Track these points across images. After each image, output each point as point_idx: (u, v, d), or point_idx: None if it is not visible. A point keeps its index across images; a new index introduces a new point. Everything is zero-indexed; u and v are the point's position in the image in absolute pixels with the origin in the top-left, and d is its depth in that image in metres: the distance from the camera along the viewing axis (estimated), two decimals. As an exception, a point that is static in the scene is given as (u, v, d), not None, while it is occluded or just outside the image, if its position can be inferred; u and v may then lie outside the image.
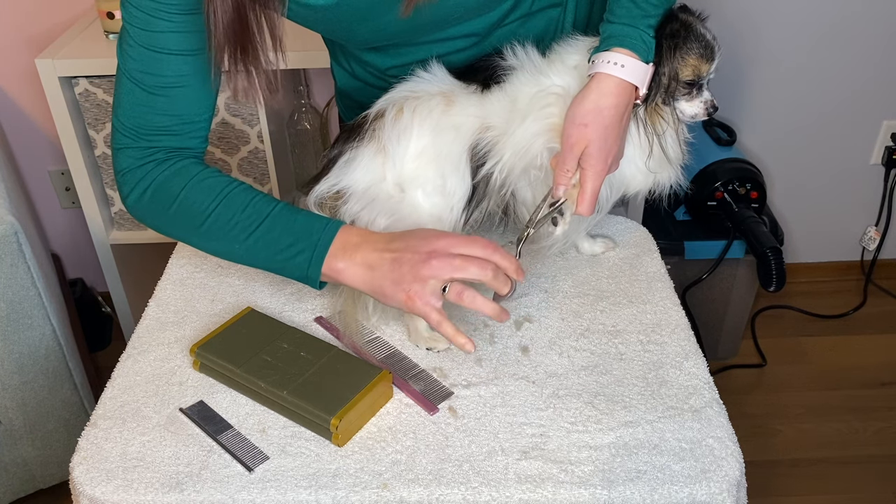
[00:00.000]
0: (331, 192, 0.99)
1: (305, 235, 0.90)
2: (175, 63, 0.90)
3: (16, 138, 2.04)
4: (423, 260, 0.85)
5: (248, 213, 0.91)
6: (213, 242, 0.94)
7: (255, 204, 0.92)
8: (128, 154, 0.95)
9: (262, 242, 0.91)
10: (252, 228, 0.91)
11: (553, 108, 0.96)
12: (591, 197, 0.93)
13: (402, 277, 0.86)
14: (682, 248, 1.88)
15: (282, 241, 0.91)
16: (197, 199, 0.93)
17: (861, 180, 2.26)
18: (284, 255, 0.91)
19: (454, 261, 0.85)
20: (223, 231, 0.92)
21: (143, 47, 0.90)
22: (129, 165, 0.95)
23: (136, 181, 0.94)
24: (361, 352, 0.96)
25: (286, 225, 0.91)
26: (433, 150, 0.97)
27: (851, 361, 2.12)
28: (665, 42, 0.93)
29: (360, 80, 1.15)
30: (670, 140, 1.00)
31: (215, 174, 0.95)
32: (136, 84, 0.91)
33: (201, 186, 0.93)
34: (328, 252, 0.89)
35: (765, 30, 2.02)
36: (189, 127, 0.95)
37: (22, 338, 1.50)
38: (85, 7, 1.87)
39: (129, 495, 0.79)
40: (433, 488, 0.79)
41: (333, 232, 0.90)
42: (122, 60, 0.92)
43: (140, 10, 0.88)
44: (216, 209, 0.92)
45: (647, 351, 0.95)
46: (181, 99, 0.93)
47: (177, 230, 0.96)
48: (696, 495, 0.78)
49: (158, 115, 0.93)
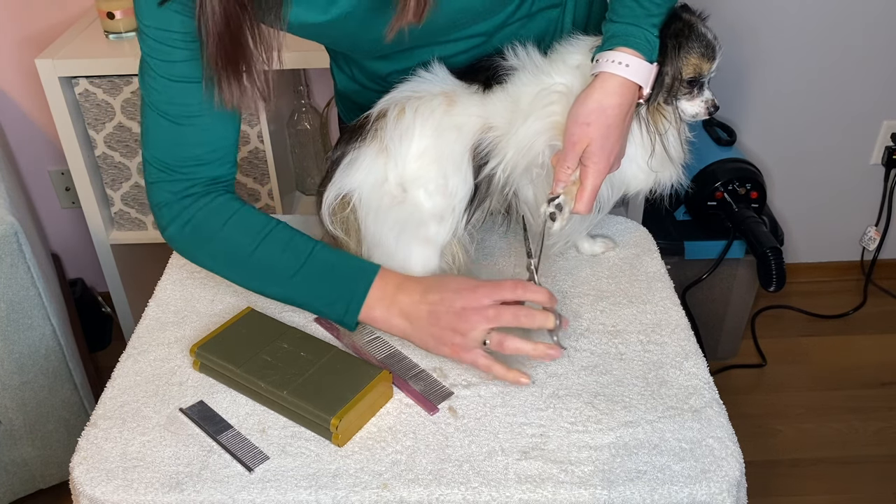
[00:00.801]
0: (338, 199, 0.99)
1: (343, 283, 0.93)
2: (197, 91, 0.90)
3: (16, 138, 2.04)
4: (458, 314, 0.88)
5: (287, 256, 0.94)
6: (253, 282, 0.97)
7: (294, 244, 0.94)
8: (163, 188, 0.96)
9: (301, 288, 0.94)
10: (291, 272, 0.93)
11: (556, 106, 0.96)
12: (590, 195, 0.93)
13: (443, 333, 0.89)
14: (682, 248, 1.88)
15: (320, 288, 0.93)
16: (237, 239, 0.95)
17: (861, 180, 2.26)
18: (323, 301, 0.94)
19: (487, 312, 0.88)
20: (263, 272, 0.95)
21: (164, 78, 0.90)
22: (165, 199, 0.96)
23: (174, 215, 0.96)
24: (361, 352, 0.96)
25: (324, 271, 0.93)
26: (435, 150, 0.97)
27: (851, 361, 2.12)
28: (669, 42, 0.93)
29: (360, 84, 1.15)
30: (672, 139, 1.00)
31: (253, 212, 0.97)
32: (163, 116, 0.92)
33: (241, 226, 0.95)
34: (365, 302, 0.92)
35: (765, 30, 2.02)
36: (219, 153, 0.96)
37: (22, 338, 1.50)
38: (85, 7, 1.87)
39: (129, 495, 0.79)
40: (433, 488, 0.79)
41: (369, 282, 0.92)
42: (145, 93, 0.93)
43: (158, 41, 0.88)
44: (256, 250, 0.94)
45: (647, 351, 0.95)
46: (208, 126, 0.94)
47: (216, 267, 0.98)
48: (696, 495, 0.78)
49: (188, 146, 0.94)
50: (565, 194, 0.95)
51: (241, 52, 0.85)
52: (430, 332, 0.90)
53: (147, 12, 0.88)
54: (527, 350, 0.89)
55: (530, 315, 0.88)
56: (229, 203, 0.97)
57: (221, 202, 0.96)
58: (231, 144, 0.97)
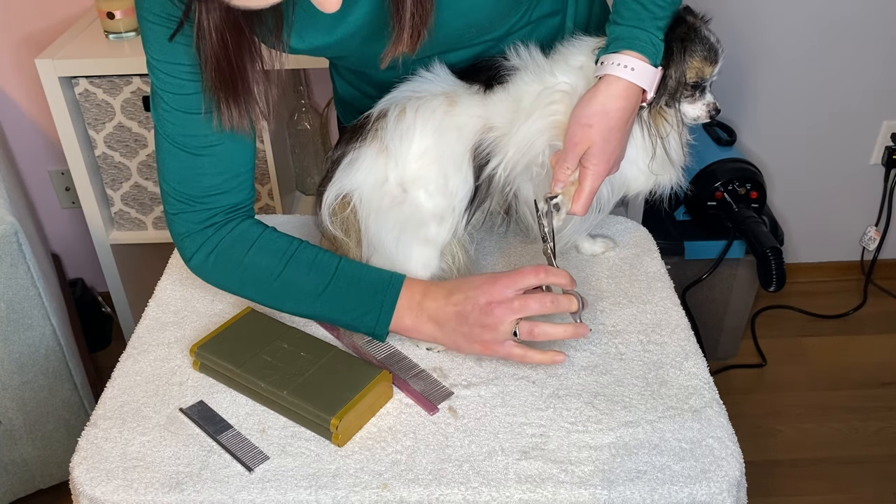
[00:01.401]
0: (338, 200, 0.99)
1: (370, 295, 0.93)
2: (211, 122, 0.90)
3: (16, 138, 2.04)
4: (484, 310, 0.88)
5: (314, 275, 0.94)
6: (284, 304, 0.97)
7: (318, 264, 0.94)
8: (184, 219, 0.96)
9: (330, 304, 0.94)
10: (319, 291, 0.93)
11: (558, 105, 0.96)
12: (587, 196, 0.93)
13: (472, 331, 0.89)
14: (682, 248, 1.88)
15: (349, 301, 0.93)
16: (263, 264, 0.95)
17: (861, 180, 2.26)
18: (352, 315, 0.93)
19: (513, 304, 0.88)
20: (291, 293, 0.95)
21: (178, 111, 0.91)
22: (188, 230, 0.96)
23: (197, 245, 0.96)
24: (361, 352, 0.96)
25: (352, 283, 0.94)
26: (436, 151, 0.97)
27: (851, 361, 2.11)
28: (675, 45, 0.93)
29: (361, 91, 1.15)
30: (673, 142, 1.00)
31: (275, 235, 0.97)
32: (180, 148, 0.93)
33: (265, 250, 0.95)
34: (395, 312, 0.92)
35: (765, 30, 2.02)
36: (237, 180, 0.96)
37: (22, 338, 1.50)
38: (85, 7, 1.87)
39: (129, 495, 0.79)
40: (433, 488, 0.79)
41: (397, 292, 0.92)
42: (160, 126, 0.93)
43: (168, 74, 0.89)
44: (283, 272, 0.94)
45: (647, 351, 0.95)
46: (225, 155, 0.94)
47: (246, 292, 0.98)
48: (696, 495, 0.78)
49: (207, 176, 0.94)
50: (563, 195, 0.95)
51: (240, 75, 0.85)
52: (460, 332, 0.90)
53: (156, 47, 0.88)
54: (557, 334, 0.89)
55: (556, 301, 0.89)
56: (251, 229, 0.97)
57: (244, 228, 0.97)
58: (248, 170, 0.98)
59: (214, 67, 0.83)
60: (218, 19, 0.79)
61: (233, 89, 0.86)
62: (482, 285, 0.89)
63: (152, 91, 0.92)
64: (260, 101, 0.88)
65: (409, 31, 0.86)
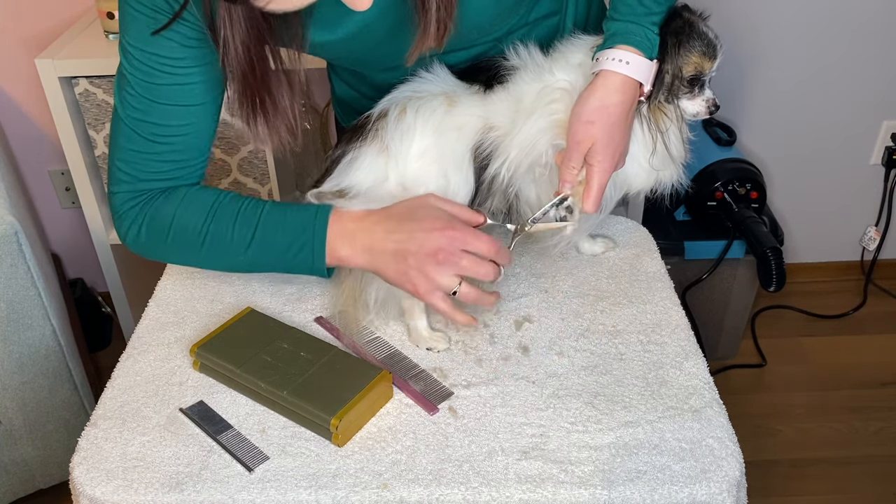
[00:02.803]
0: (332, 191, 0.99)
1: (300, 231, 0.91)
2: (178, 114, 0.90)
3: (16, 138, 2.04)
4: (430, 257, 0.86)
5: (240, 224, 0.92)
6: (216, 260, 0.96)
7: (244, 213, 0.93)
8: (123, 197, 0.95)
9: (261, 249, 0.93)
10: (248, 239, 0.92)
11: (558, 104, 0.96)
12: (597, 193, 0.93)
13: (408, 272, 0.87)
14: (682, 248, 1.88)
15: (279, 244, 0.92)
16: (189, 223, 0.93)
17: (861, 180, 2.26)
18: (286, 255, 0.92)
19: (461, 261, 0.86)
20: (222, 248, 0.94)
21: (145, 98, 0.89)
22: (124, 206, 0.95)
23: (131, 220, 0.95)
24: (361, 352, 0.96)
25: (278, 225, 0.92)
26: (436, 150, 0.98)
27: (851, 361, 2.12)
28: (669, 39, 0.93)
29: (360, 92, 1.15)
30: (673, 138, 1.00)
31: (200, 190, 0.95)
32: (136, 132, 0.92)
33: (190, 209, 0.94)
34: (326, 244, 0.91)
35: (765, 30, 2.02)
36: (188, 170, 0.96)
37: (22, 338, 1.50)
38: (85, 7, 1.87)
39: (129, 495, 0.79)
40: (433, 488, 0.79)
41: (325, 221, 0.91)
42: (120, 107, 0.92)
43: (143, 63, 0.88)
44: (209, 228, 0.93)
45: (647, 351, 0.95)
46: (182, 145, 0.93)
47: (178, 257, 0.98)
48: (696, 495, 0.78)
49: (158, 162, 0.93)
50: (573, 196, 0.95)
51: (266, 89, 0.85)
52: (394, 268, 0.88)
53: (134, 34, 0.87)
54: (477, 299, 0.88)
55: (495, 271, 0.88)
56: (177, 190, 0.95)
57: (170, 192, 0.95)
58: (202, 162, 0.97)
59: (242, 81, 0.83)
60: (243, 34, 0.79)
61: (261, 103, 0.86)
62: (433, 231, 0.86)
63: (119, 71, 0.90)
64: (287, 116, 0.88)
65: (436, 26, 0.85)
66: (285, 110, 0.88)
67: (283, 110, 0.88)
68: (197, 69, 0.89)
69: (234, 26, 0.79)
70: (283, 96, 0.87)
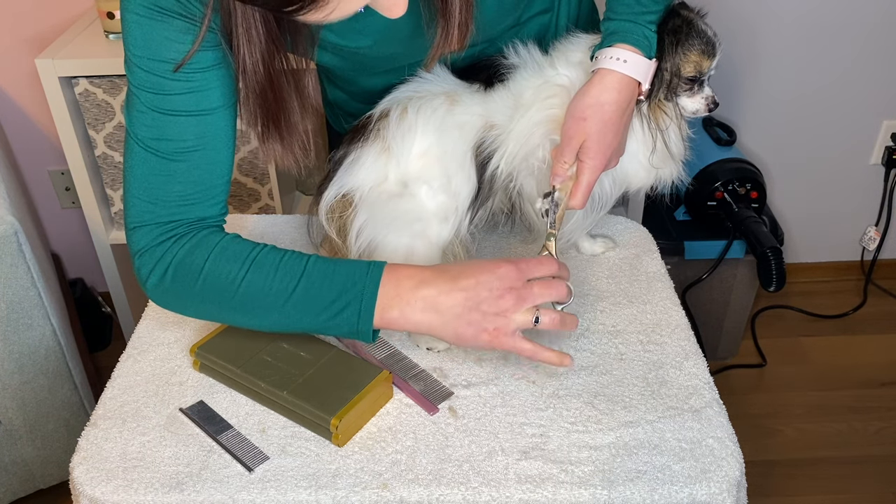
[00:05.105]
0: (338, 197, 0.99)
1: (349, 286, 0.83)
2: (192, 124, 0.85)
3: (16, 138, 2.04)
4: (501, 295, 0.81)
5: (281, 275, 0.84)
6: (247, 313, 0.86)
7: (286, 263, 0.84)
8: (145, 232, 0.87)
9: (302, 304, 0.83)
10: (289, 291, 0.83)
11: (555, 99, 0.97)
12: (584, 190, 0.93)
13: (483, 319, 0.81)
14: (682, 248, 1.88)
15: (324, 299, 0.83)
16: (223, 270, 0.85)
17: (861, 180, 2.26)
18: (329, 312, 0.83)
19: (532, 289, 0.82)
20: (258, 298, 0.84)
21: (156, 112, 0.84)
22: (146, 244, 0.87)
23: (154, 261, 0.87)
24: (361, 352, 0.96)
25: (325, 278, 0.83)
26: (438, 149, 0.98)
27: (851, 361, 2.11)
28: (667, 38, 0.94)
29: (348, 93, 1.15)
30: (673, 136, 1.00)
31: (238, 240, 0.88)
32: (151, 152, 0.85)
33: (225, 255, 0.86)
34: (377, 302, 0.82)
35: (765, 30, 2.02)
36: (210, 192, 0.88)
37: (22, 338, 1.50)
38: (85, 7, 1.87)
39: (129, 495, 0.79)
40: (433, 488, 0.79)
41: (378, 276, 0.83)
42: (132, 128, 0.86)
43: (150, 72, 0.82)
44: (246, 276, 0.84)
45: (647, 351, 0.95)
46: (201, 162, 0.87)
47: (206, 307, 0.87)
48: (696, 495, 0.78)
49: (177, 184, 0.86)
50: (560, 190, 0.95)
51: (281, 105, 0.84)
52: (466, 319, 0.81)
53: (139, 42, 0.82)
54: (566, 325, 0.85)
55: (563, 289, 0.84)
56: (210, 236, 0.87)
57: (203, 236, 0.87)
58: (224, 182, 0.90)
59: (257, 99, 0.82)
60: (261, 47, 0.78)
61: (275, 121, 0.85)
62: (496, 270, 0.82)
63: (128, 92, 0.85)
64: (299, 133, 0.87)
65: (458, 29, 0.82)
66: (296, 125, 0.87)
67: (295, 125, 0.87)
68: (211, 72, 0.84)
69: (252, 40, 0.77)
70: (295, 110, 0.86)
